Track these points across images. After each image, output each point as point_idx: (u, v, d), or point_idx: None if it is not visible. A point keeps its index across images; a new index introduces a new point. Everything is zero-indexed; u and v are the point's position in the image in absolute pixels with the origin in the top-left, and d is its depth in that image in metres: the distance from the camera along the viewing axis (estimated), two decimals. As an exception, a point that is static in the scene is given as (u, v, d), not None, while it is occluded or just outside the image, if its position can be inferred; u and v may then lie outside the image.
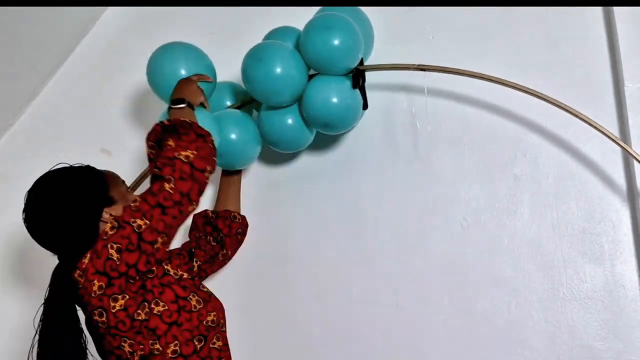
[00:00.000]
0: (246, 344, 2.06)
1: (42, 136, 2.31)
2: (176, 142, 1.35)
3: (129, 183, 1.95)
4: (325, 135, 1.90)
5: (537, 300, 1.81)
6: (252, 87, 1.70)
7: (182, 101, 1.52)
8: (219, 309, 1.46)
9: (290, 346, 2.03)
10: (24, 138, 2.32)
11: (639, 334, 1.72)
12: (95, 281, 1.26)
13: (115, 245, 1.26)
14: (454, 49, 1.93)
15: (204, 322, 1.37)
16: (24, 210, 1.37)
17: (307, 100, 1.71)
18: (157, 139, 1.41)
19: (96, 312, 1.28)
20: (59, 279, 1.34)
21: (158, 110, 2.25)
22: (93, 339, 1.36)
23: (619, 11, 1.74)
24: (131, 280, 1.28)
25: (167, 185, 1.30)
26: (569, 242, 1.80)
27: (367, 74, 1.83)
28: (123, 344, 1.29)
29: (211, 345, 1.39)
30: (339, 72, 1.72)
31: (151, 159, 1.44)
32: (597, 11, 1.83)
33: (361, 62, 1.75)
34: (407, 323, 1.92)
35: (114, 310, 1.27)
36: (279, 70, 1.64)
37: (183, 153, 1.32)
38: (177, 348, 1.32)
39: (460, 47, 1.93)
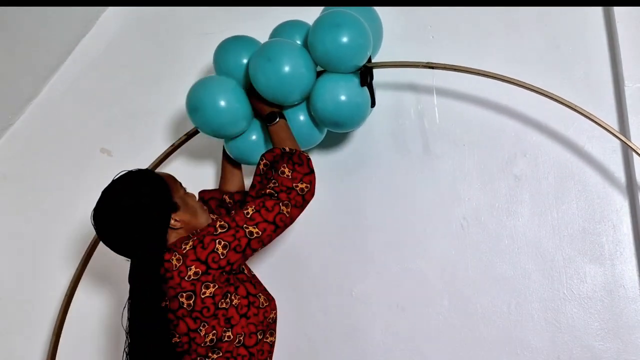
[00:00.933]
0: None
1: (42, 136, 2.31)
2: (292, 172, 1.48)
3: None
4: (333, 133, 1.90)
5: (537, 300, 1.81)
6: (260, 87, 1.67)
7: (275, 116, 1.64)
8: (276, 308, 1.57)
9: (291, 346, 2.03)
10: (24, 138, 2.32)
11: (639, 334, 1.72)
12: (194, 267, 1.36)
13: (223, 242, 1.38)
14: (453, 49, 1.93)
15: (267, 318, 1.51)
16: (97, 221, 1.42)
17: (316, 99, 1.70)
18: (274, 160, 1.53)
19: (184, 294, 1.36)
20: (141, 281, 1.40)
21: (158, 110, 2.26)
22: (154, 323, 1.40)
23: (619, 11, 1.74)
24: (224, 273, 1.39)
25: (284, 209, 1.43)
26: (569, 242, 1.80)
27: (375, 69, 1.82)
28: (201, 327, 1.38)
29: (265, 340, 1.52)
30: (347, 70, 1.70)
31: (259, 174, 1.55)
32: (597, 11, 1.84)
33: (369, 60, 1.73)
34: (407, 323, 1.92)
35: (203, 296, 1.36)
36: (288, 69, 1.62)
37: (300, 185, 1.47)
38: (242, 338, 1.44)
39: (460, 48, 1.93)
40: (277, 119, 1.63)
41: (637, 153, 1.56)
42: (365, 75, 1.72)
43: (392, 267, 1.95)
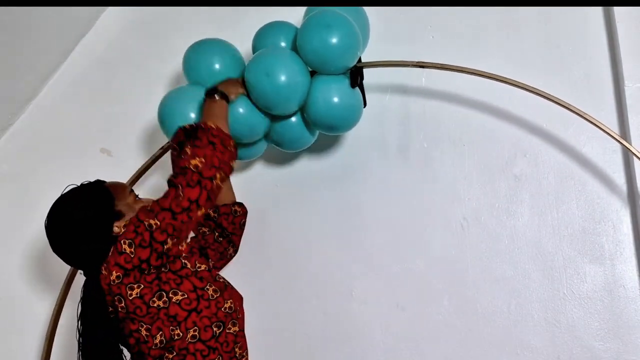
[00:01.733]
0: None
1: (42, 136, 2.31)
2: (191, 149, 1.42)
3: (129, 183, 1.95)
4: (325, 135, 1.90)
5: (537, 300, 1.81)
6: (261, 101, 1.66)
7: (214, 91, 1.59)
8: (236, 297, 1.54)
9: (290, 346, 2.03)
10: (24, 138, 2.31)
11: (639, 334, 1.72)
12: (114, 272, 1.36)
13: (127, 241, 1.36)
14: (453, 49, 1.93)
15: (222, 309, 1.46)
16: (48, 237, 1.45)
17: (309, 103, 1.69)
18: (180, 141, 1.51)
19: (116, 298, 1.38)
20: (88, 292, 1.43)
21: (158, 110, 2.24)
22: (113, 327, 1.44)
23: (619, 11, 1.74)
24: (145, 272, 1.37)
25: (180, 192, 1.38)
26: (569, 242, 1.80)
27: (368, 74, 1.82)
28: (140, 327, 1.38)
29: (227, 331, 1.47)
30: (337, 71, 1.69)
31: (173, 161, 1.53)
32: (597, 11, 1.84)
33: (359, 60, 1.73)
34: (407, 323, 1.92)
35: (130, 298, 1.37)
36: (286, 81, 1.61)
37: (193, 162, 1.40)
38: (196, 333, 1.41)
39: (460, 47, 1.93)
40: (217, 96, 1.58)
41: (637, 157, 1.56)
42: (355, 75, 1.72)
43: (392, 267, 1.95)
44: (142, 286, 1.37)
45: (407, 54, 1.88)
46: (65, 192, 1.48)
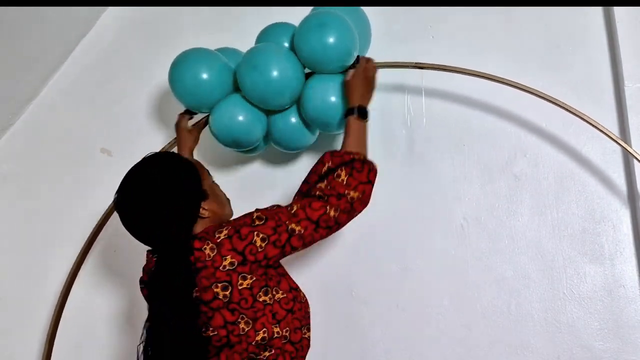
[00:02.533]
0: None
1: (42, 136, 2.31)
2: (348, 177, 1.41)
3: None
4: (326, 135, 1.90)
5: (537, 300, 1.81)
6: (249, 94, 1.68)
7: (365, 113, 1.55)
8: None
9: (290, 346, 2.03)
10: (24, 138, 2.31)
11: (639, 334, 1.72)
12: (229, 257, 1.29)
13: (262, 235, 1.31)
14: (453, 49, 1.93)
15: (307, 313, 1.46)
16: (122, 205, 1.34)
17: (305, 100, 1.70)
18: (338, 165, 1.44)
19: (220, 284, 1.29)
20: (169, 270, 1.31)
21: (158, 110, 2.25)
22: (187, 313, 1.33)
23: (619, 11, 1.74)
24: (261, 267, 1.33)
25: (330, 211, 1.37)
26: (569, 242, 1.80)
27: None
28: (240, 319, 1.31)
29: (303, 335, 1.45)
30: (334, 70, 1.70)
31: (319, 175, 1.47)
32: (597, 11, 1.84)
33: (357, 60, 1.74)
34: (407, 323, 1.92)
35: (240, 287, 1.30)
36: (274, 74, 1.62)
37: (352, 193, 1.40)
38: (287, 334, 1.38)
39: (460, 47, 1.93)
40: (367, 119, 1.55)
41: (637, 159, 1.56)
42: None
43: (392, 267, 1.95)
44: (254, 278, 1.31)
45: (407, 54, 1.88)
46: (147, 159, 1.39)
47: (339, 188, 1.40)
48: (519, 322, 1.82)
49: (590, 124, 1.58)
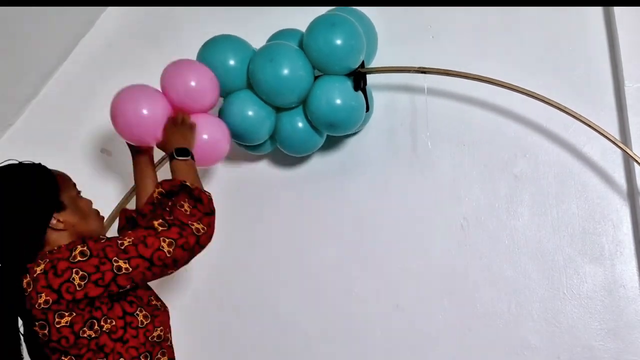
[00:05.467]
0: (246, 343, 2.06)
1: (41, 136, 2.30)
2: (191, 208, 1.33)
3: (126, 183, 1.96)
4: (327, 136, 1.90)
5: (537, 300, 1.81)
6: (261, 87, 1.72)
7: (186, 152, 1.50)
8: (166, 323, 1.40)
9: (290, 346, 2.03)
10: (24, 138, 2.31)
11: (639, 334, 1.72)
12: (44, 295, 1.20)
13: (81, 273, 1.21)
14: (454, 49, 1.93)
15: (150, 338, 1.32)
16: None
17: (312, 101, 1.74)
18: (170, 191, 1.39)
19: (37, 324, 1.22)
20: (1, 285, 1.25)
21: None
22: (28, 347, 1.30)
23: (619, 11, 1.74)
24: (82, 302, 1.23)
25: (165, 247, 1.26)
26: (569, 242, 1.80)
27: (371, 74, 1.83)
28: (63, 357, 1.25)
29: None
30: (340, 72, 1.74)
31: (152, 203, 1.42)
32: (597, 11, 1.83)
33: (362, 65, 1.76)
34: (407, 323, 1.92)
35: (58, 326, 1.21)
36: (288, 70, 1.67)
37: (197, 225, 1.30)
38: None
39: (461, 47, 1.93)
40: (189, 157, 1.49)
41: (637, 162, 1.56)
42: (358, 80, 1.76)
43: (392, 267, 1.95)
44: (74, 314, 1.21)
45: (407, 54, 1.88)
46: (2, 165, 1.33)
47: (182, 217, 1.30)
48: (519, 322, 1.82)
49: (590, 126, 1.58)
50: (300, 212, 2.06)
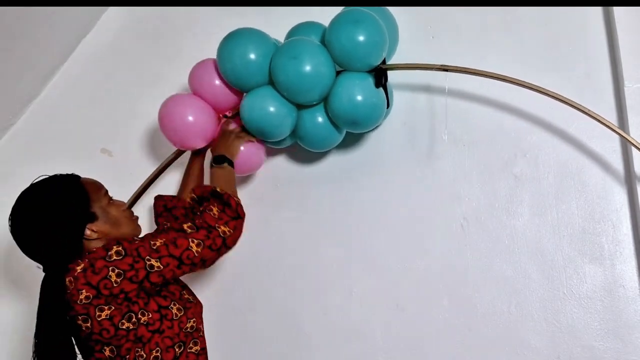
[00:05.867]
0: (246, 343, 2.06)
1: (42, 136, 2.31)
2: (219, 212, 1.43)
3: (126, 183, 1.96)
4: (352, 135, 1.91)
5: (537, 300, 1.81)
6: (283, 85, 1.69)
7: (223, 159, 1.64)
8: (198, 315, 1.52)
9: (290, 346, 2.03)
10: (24, 138, 2.32)
11: (639, 334, 1.72)
12: (84, 291, 1.30)
13: (117, 270, 1.31)
14: (453, 49, 1.93)
15: (183, 329, 1.44)
16: (10, 224, 1.39)
17: (333, 98, 1.72)
18: (202, 196, 1.49)
19: (80, 317, 1.32)
20: (48, 290, 1.36)
21: (158, 110, 2.25)
22: (75, 339, 1.39)
23: (619, 11, 1.74)
24: (119, 297, 1.33)
25: (194, 247, 1.37)
26: (569, 242, 1.80)
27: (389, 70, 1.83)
28: (105, 347, 1.35)
29: (188, 350, 1.46)
30: (362, 68, 1.72)
31: (185, 207, 1.53)
32: (597, 11, 1.83)
33: (383, 62, 1.75)
34: (407, 323, 1.92)
35: (99, 319, 1.31)
36: (311, 69, 1.64)
37: (223, 227, 1.41)
38: (158, 354, 1.39)
39: (460, 47, 1.93)
40: (224, 163, 1.64)
41: (636, 147, 1.55)
42: (379, 76, 1.74)
43: (392, 267, 1.95)
44: (113, 308, 1.32)
45: (407, 54, 1.88)
46: (36, 181, 1.42)
47: (210, 220, 1.41)
48: (519, 322, 1.82)
49: (592, 116, 1.57)
50: (299, 212, 2.07)
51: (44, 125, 2.31)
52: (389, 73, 1.80)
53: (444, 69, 1.72)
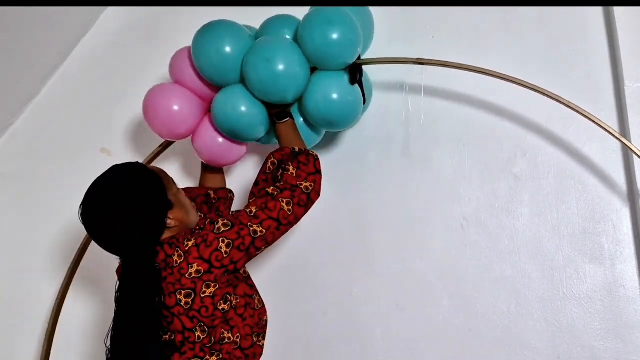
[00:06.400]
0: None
1: (42, 136, 2.31)
2: (297, 170, 1.48)
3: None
4: (326, 133, 1.90)
5: (537, 300, 1.81)
6: (257, 86, 1.64)
7: (286, 114, 1.65)
8: (267, 313, 1.55)
9: (290, 346, 2.03)
10: (24, 138, 2.32)
11: (639, 334, 1.72)
12: (196, 265, 1.32)
13: (227, 240, 1.35)
14: (454, 49, 1.93)
15: (262, 321, 1.50)
16: (89, 216, 1.36)
17: (307, 98, 1.69)
18: (282, 159, 1.52)
19: (183, 292, 1.32)
20: (135, 279, 1.34)
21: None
22: (149, 318, 1.35)
23: (619, 11, 1.74)
24: (226, 273, 1.36)
25: (286, 207, 1.41)
26: (569, 242, 1.80)
27: (369, 72, 1.81)
28: (197, 327, 1.35)
29: (258, 343, 1.48)
30: (337, 67, 1.69)
31: (265, 172, 1.54)
32: (597, 11, 1.83)
33: (358, 57, 1.72)
34: (407, 323, 1.92)
35: (202, 295, 1.33)
36: (285, 68, 1.59)
37: (304, 184, 1.46)
38: (238, 340, 1.41)
39: (460, 48, 1.93)
40: (287, 118, 1.64)
41: (637, 155, 1.55)
42: (354, 72, 1.71)
43: (392, 267, 1.95)
44: (217, 286, 1.35)
45: (407, 54, 1.88)
46: (111, 171, 1.39)
47: (291, 180, 1.45)
48: (519, 322, 1.82)
49: (591, 119, 1.56)
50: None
51: (43, 125, 2.31)
52: (365, 67, 1.77)
53: (419, 62, 1.68)
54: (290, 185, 1.44)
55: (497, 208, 1.87)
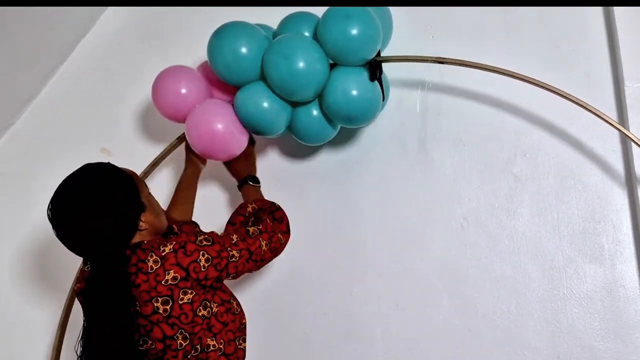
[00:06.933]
0: (246, 343, 2.06)
1: (42, 136, 2.31)
2: (274, 222, 1.59)
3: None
4: (345, 129, 1.89)
5: (537, 300, 1.81)
6: (276, 84, 1.66)
7: (257, 180, 1.80)
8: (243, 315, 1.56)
9: (290, 346, 2.03)
10: (24, 138, 2.31)
11: (639, 334, 1.72)
12: (172, 272, 1.31)
13: (207, 255, 1.35)
14: (453, 49, 1.92)
15: (242, 324, 1.50)
16: (57, 215, 1.33)
17: (327, 94, 1.69)
18: (261, 208, 1.63)
19: (160, 299, 1.30)
20: (105, 281, 1.31)
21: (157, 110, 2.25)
22: (122, 328, 1.33)
23: (619, 11, 1.74)
24: (200, 284, 1.36)
25: (263, 246, 1.48)
26: (569, 242, 1.80)
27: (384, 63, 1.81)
28: (178, 334, 1.33)
29: (239, 346, 1.48)
30: (356, 63, 1.69)
31: (245, 215, 1.61)
32: (597, 11, 1.83)
33: (378, 54, 1.72)
34: (407, 323, 1.92)
35: (181, 302, 1.31)
36: (304, 66, 1.60)
37: (280, 235, 1.56)
38: (222, 347, 1.41)
39: (460, 47, 1.93)
40: (259, 184, 1.79)
41: (636, 143, 1.55)
42: (374, 69, 1.71)
43: (392, 267, 1.95)
44: (194, 293, 1.33)
45: (406, 54, 1.88)
46: (82, 170, 1.37)
47: (269, 227, 1.54)
48: (519, 322, 1.82)
49: (592, 111, 1.57)
50: (299, 211, 2.05)
51: (43, 125, 2.31)
52: (384, 66, 1.77)
53: (440, 61, 1.69)
54: (271, 230, 1.54)
55: (497, 208, 1.87)
